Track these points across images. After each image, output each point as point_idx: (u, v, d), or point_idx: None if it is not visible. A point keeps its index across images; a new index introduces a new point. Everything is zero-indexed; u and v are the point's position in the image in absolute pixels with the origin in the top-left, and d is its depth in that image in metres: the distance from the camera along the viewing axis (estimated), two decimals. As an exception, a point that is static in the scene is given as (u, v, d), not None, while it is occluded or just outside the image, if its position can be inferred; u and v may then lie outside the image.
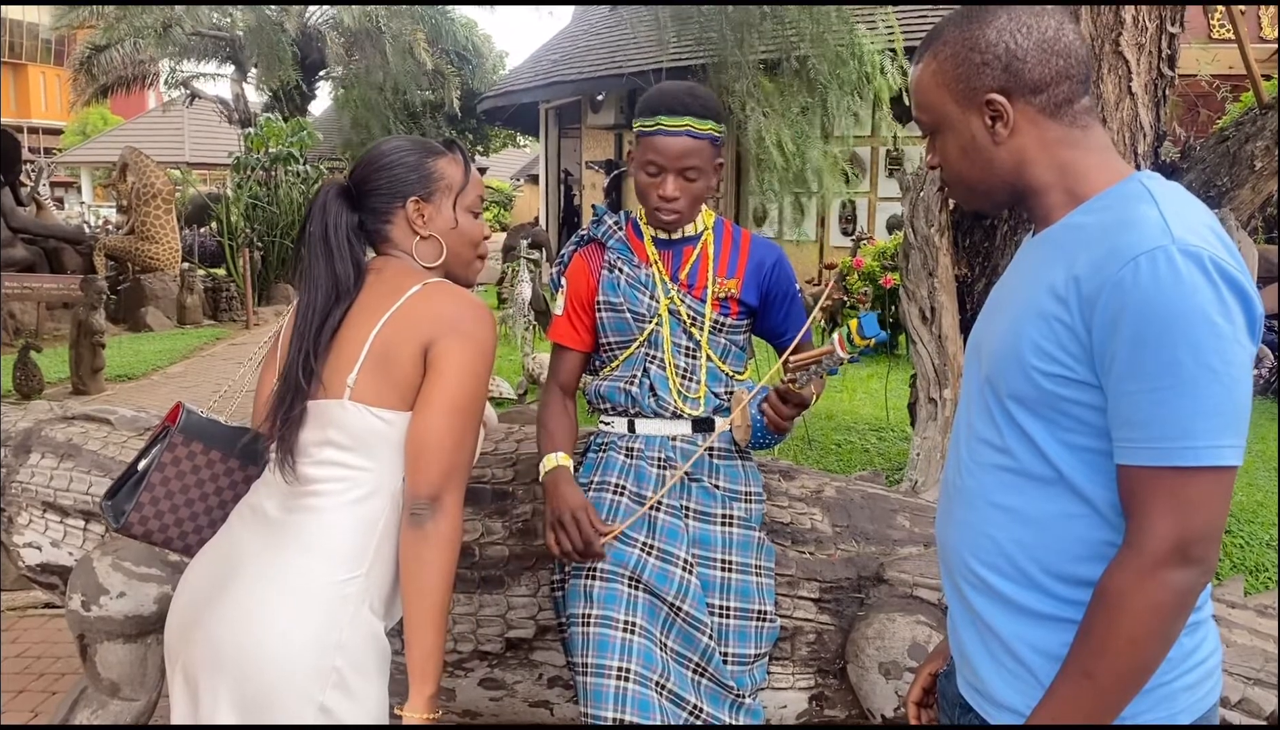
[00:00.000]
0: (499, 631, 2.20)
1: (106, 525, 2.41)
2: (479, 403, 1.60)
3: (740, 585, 2.05)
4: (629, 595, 1.96)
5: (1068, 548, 1.22)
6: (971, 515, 1.31)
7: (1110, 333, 1.12)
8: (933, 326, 3.61)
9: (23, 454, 2.51)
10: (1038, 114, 1.25)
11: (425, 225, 1.70)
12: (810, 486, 2.38)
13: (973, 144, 1.29)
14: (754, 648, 2.05)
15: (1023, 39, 1.24)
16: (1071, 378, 1.17)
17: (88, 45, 19.96)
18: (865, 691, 2.12)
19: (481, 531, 2.23)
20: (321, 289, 1.63)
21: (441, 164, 1.73)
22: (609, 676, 1.87)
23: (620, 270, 2.15)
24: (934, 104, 1.31)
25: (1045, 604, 1.23)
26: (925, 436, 3.60)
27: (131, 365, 9.07)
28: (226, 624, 1.52)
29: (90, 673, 2.38)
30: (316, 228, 1.68)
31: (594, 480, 2.11)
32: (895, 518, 2.35)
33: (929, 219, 3.60)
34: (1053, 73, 1.24)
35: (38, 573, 2.50)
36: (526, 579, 2.21)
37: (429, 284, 1.63)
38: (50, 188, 22.86)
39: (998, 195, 1.33)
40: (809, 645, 2.21)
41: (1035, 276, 1.24)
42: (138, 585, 2.29)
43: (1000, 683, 1.27)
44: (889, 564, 2.22)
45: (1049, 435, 1.21)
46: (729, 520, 2.08)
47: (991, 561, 1.27)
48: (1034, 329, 1.20)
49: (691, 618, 1.98)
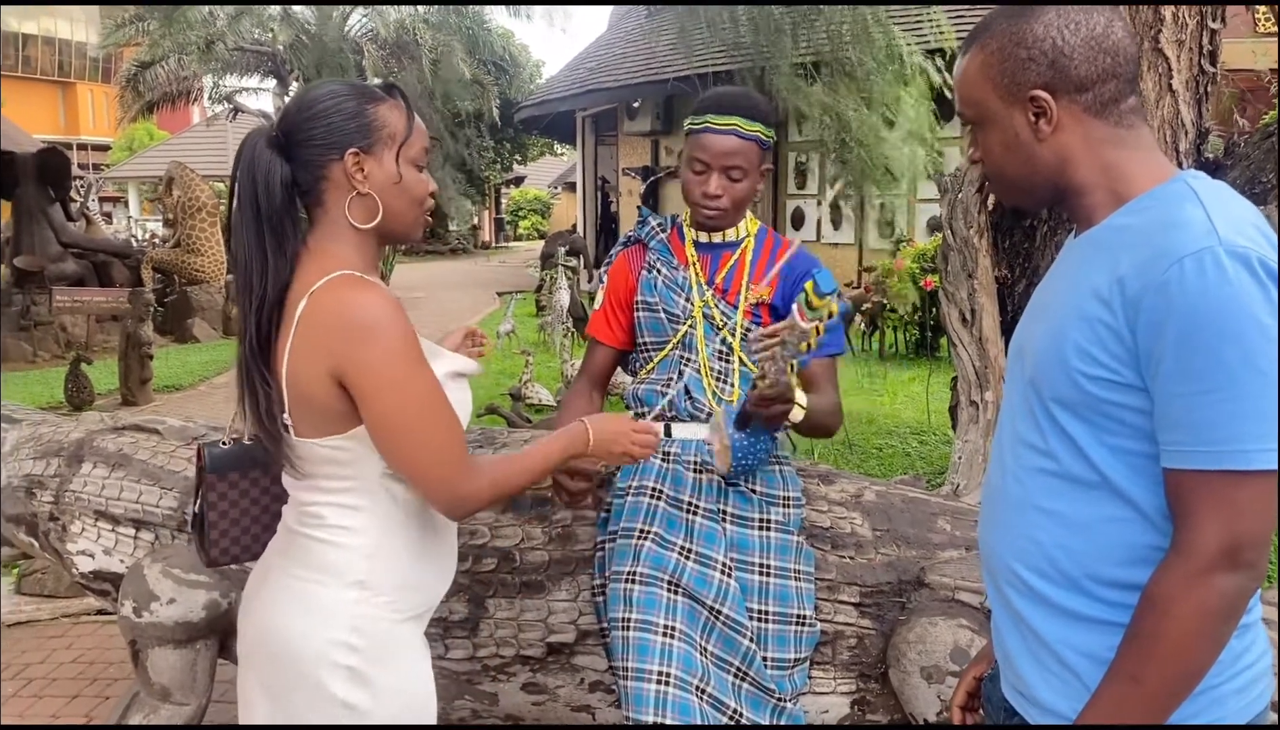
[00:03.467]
0: (540, 636, 2.22)
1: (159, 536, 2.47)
2: (422, 399, 1.47)
3: (779, 589, 2.05)
4: (668, 599, 1.97)
5: (1112, 552, 1.21)
6: (1015, 519, 1.30)
7: (1156, 335, 1.11)
8: (973, 328, 3.57)
9: (75, 464, 2.57)
10: (1083, 112, 1.24)
11: (365, 181, 1.52)
12: (850, 491, 2.37)
13: (1015, 140, 1.27)
14: (793, 652, 2.05)
15: (1070, 35, 1.22)
16: (1115, 380, 1.16)
17: (134, 62, 20.38)
18: (908, 696, 2.11)
19: (522, 537, 2.25)
20: (255, 271, 1.49)
21: (383, 111, 1.54)
22: (649, 680, 1.89)
23: (659, 271, 2.18)
24: (978, 98, 1.30)
25: (1090, 607, 1.22)
26: (967, 440, 3.57)
27: (179, 376, 9.24)
28: (253, 625, 1.59)
29: (142, 678, 2.43)
30: (244, 184, 1.50)
31: (631, 484, 2.12)
32: (936, 522, 2.33)
33: (968, 220, 3.56)
34: (1100, 71, 1.22)
35: (90, 580, 2.55)
36: (567, 584, 2.23)
37: (313, 295, 1.47)
38: (98, 203, 23.31)
39: (1040, 193, 1.31)
40: (850, 650, 2.20)
41: (1078, 278, 1.23)
42: (187, 591, 2.34)
43: (1044, 686, 1.26)
44: (930, 568, 2.21)
45: (1093, 438, 1.20)
46: (766, 524, 2.08)
47: (1035, 565, 1.27)
48: (1077, 332, 1.18)
49: (732, 621, 1.99)
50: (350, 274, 1.48)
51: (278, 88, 21.00)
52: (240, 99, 22.34)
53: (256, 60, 20.67)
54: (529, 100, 20.82)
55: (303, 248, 1.53)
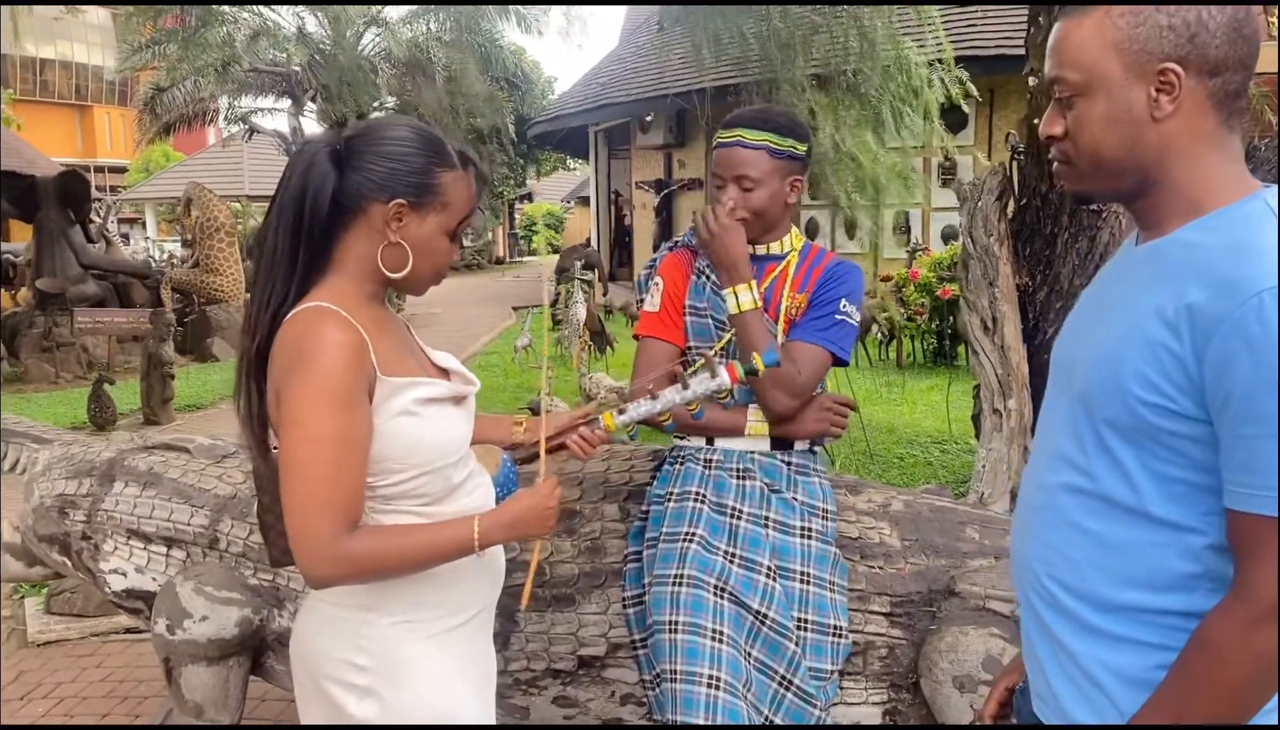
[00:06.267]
0: (571, 649, 2.23)
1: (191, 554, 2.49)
2: (313, 448, 1.42)
3: (817, 599, 2.07)
4: (715, 603, 1.97)
5: (1148, 576, 1.18)
6: (1049, 534, 1.27)
7: (1225, 371, 1.05)
8: (995, 337, 3.57)
9: (107, 483, 2.60)
10: (1206, 99, 1.15)
11: (397, 231, 1.52)
12: (878, 501, 2.37)
13: (1127, 115, 1.17)
14: (830, 663, 2.06)
15: (1216, 12, 1.12)
16: (1174, 410, 1.11)
17: (151, 86, 20.61)
18: (940, 705, 2.10)
19: (551, 550, 2.26)
20: (280, 275, 1.50)
21: (448, 179, 1.55)
22: (700, 684, 1.89)
23: (708, 277, 2.22)
24: (1092, 63, 1.18)
25: (1123, 628, 1.20)
26: (990, 448, 3.56)
27: (199, 395, 9.30)
28: (291, 638, 1.68)
29: (176, 695, 2.45)
30: (294, 187, 1.50)
31: (673, 491, 2.14)
32: (964, 530, 2.33)
33: (988, 228, 3.57)
34: (1236, 57, 1.13)
35: (123, 598, 2.57)
36: (597, 597, 2.23)
37: (290, 316, 1.49)
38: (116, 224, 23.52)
39: (1124, 181, 1.21)
40: (881, 660, 2.20)
41: (1141, 296, 1.16)
42: (220, 609, 2.35)
43: (1073, 701, 1.25)
44: (960, 577, 2.21)
45: (1139, 464, 1.16)
46: (808, 533, 2.10)
47: (1067, 582, 1.24)
48: (1139, 356, 1.13)
49: (778, 626, 2.00)
50: (320, 306, 1.48)
51: (293, 107, 21.19)
52: (256, 119, 22.56)
53: (271, 81, 20.87)
54: (542, 116, 20.95)
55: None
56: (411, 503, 1.56)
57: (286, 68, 20.15)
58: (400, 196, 1.51)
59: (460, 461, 1.62)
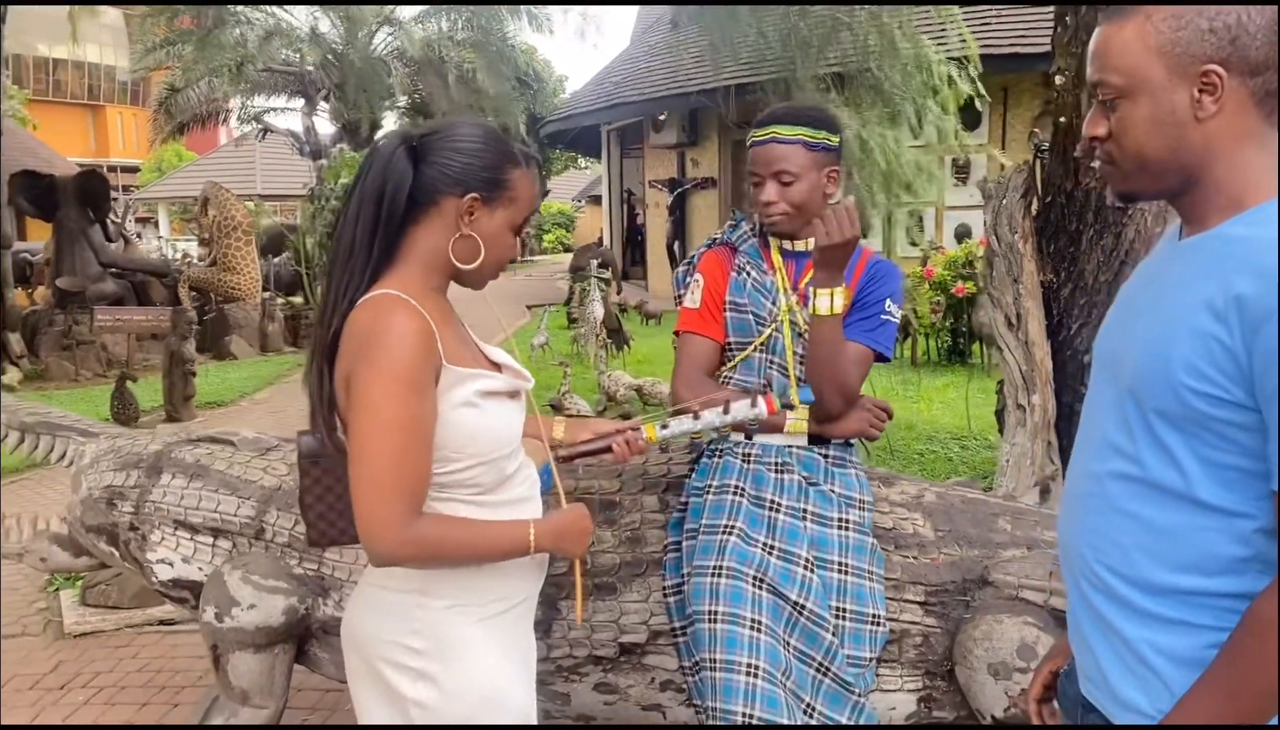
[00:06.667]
0: (612, 636, 2.28)
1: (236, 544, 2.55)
2: (386, 430, 1.48)
3: (855, 588, 2.11)
4: (754, 594, 2.02)
5: (1197, 560, 1.21)
6: (1098, 521, 1.31)
7: (1274, 361, 1.09)
8: (1019, 332, 3.61)
9: (154, 475, 2.66)
10: (1247, 98, 1.19)
11: (470, 224, 1.60)
12: (911, 492, 2.42)
13: (1171, 116, 1.22)
14: (868, 650, 2.10)
15: (1256, 14, 1.17)
16: (1225, 399, 1.15)
17: (165, 86, 20.74)
18: (974, 692, 2.15)
19: (593, 540, 2.31)
20: (358, 266, 1.56)
21: (517, 175, 1.64)
22: (739, 672, 1.94)
23: (748, 274, 2.25)
24: (1135, 66, 1.22)
25: (1172, 610, 1.24)
26: (1014, 443, 3.60)
27: (219, 392, 9.38)
28: (343, 620, 1.73)
29: (222, 681, 2.50)
30: (374, 182, 1.57)
31: (712, 483, 2.18)
32: (997, 521, 2.37)
33: (1012, 226, 3.61)
34: (1276, 57, 1.18)
35: (169, 588, 2.63)
36: (638, 586, 2.28)
37: (360, 304, 1.55)
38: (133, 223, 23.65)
39: (1168, 179, 1.25)
40: (916, 648, 2.24)
41: (1187, 288, 1.20)
42: (266, 597, 2.41)
43: (1126, 683, 1.28)
44: (993, 566, 2.25)
45: (1189, 450, 1.20)
46: (845, 524, 2.14)
47: (1117, 568, 1.28)
48: (1188, 347, 1.16)
49: (815, 616, 2.04)
50: (390, 294, 1.54)
51: (305, 107, 21.30)
52: (268, 119, 22.68)
53: (284, 80, 20.98)
54: (554, 115, 21.00)
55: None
56: (466, 492, 1.61)
57: (300, 67, 20.26)
58: (474, 191, 1.59)
59: (513, 453, 1.68)
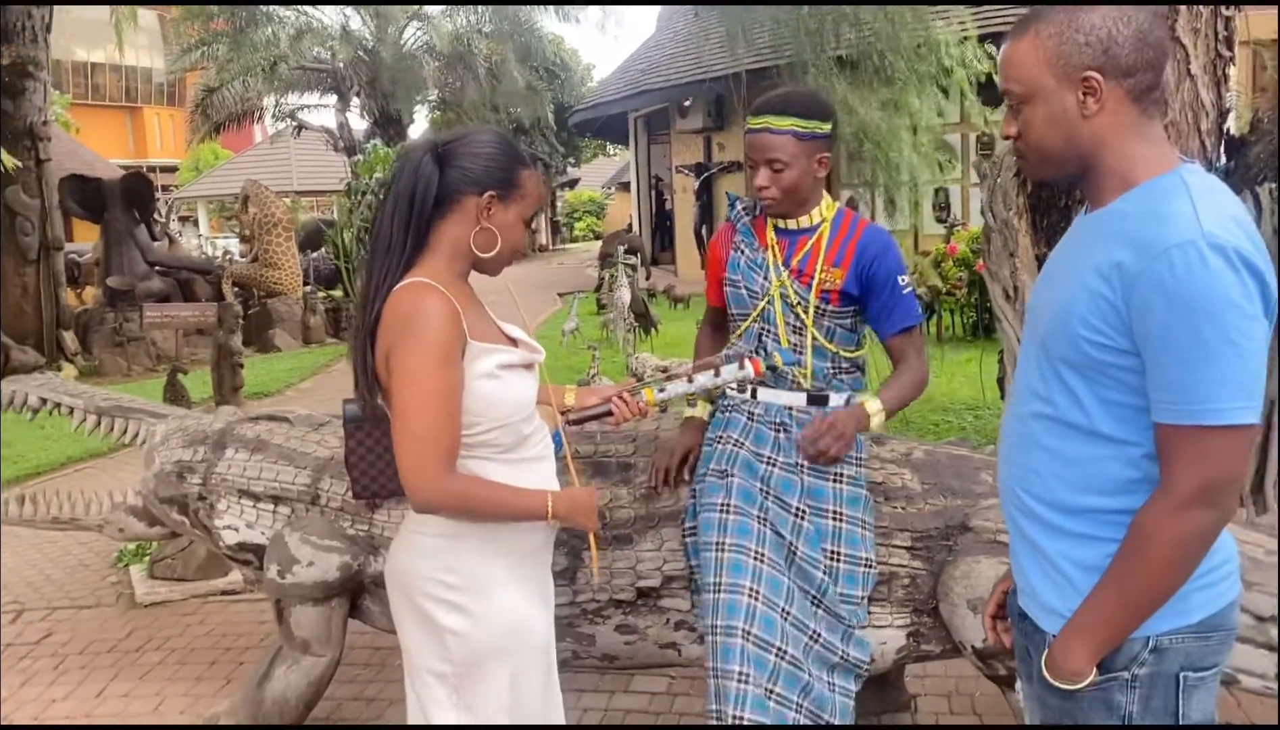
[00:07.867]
0: (630, 582, 2.54)
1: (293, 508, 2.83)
2: (426, 395, 1.75)
3: (849, 535, 2.37)
4: (758, 530, 2.30)
5: (1098, 483, 1.47)
6: (1023, 456, 1.57)
7: (1146, 312, 1.32)
8: (1016, 304, 3.81)
9: (219, 450, 2.96)
10: (1124, 96, 1.41)
11: (488, 218, 1.86)
12: (900, 450, 2.66)
13: (1062, 116, 1.43)
14: (860, 590, 2.36)
15: (1123, 27, 1.39)
16: (1112, 345, 1.38)
17: (201, 86, 21.19)
18: (956, 625, 2.39)
19: (610, 497, 2.58)
20: (394, 260, 1.81)
21: (526, 175, 1.90)
22: (742, 593, 2.22)
23: (742, 251, 2.49)
24: (1030, 76, 1.44)
25: (1080, 526, 1.49)
26: (1013, 408, 3.80)
27: (265, 383, 9.76)
28: (386, 564, 2.03)
29: (285, 633, 2.80)
30: (406, 183, 1.83)
31: (719, 435, 2.45)
32: (979, 475, 2.60)
33: (1007, 203, 3.80)
34: (1143, 61, 1.39)
35: (236, 551, 2.93)
36: (651, 536, 2.55)
37: (396, 290, 1.81)
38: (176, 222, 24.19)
39: (1069, 166, 1.48)
40: (904, 588, 2.48)
41: (1084, 254, 1.43)
42: (323, 556, 2.70)
43: (1045, 590, 1.54)
44: (973, 514, 2.48)
45: (1089, 391, 1.44)
46: (840, 478, 2.38)
47: (1038, 493, 1.53)
48: (1084, 304, 1.40)
49: (807, 557, 2.31)
50: (422, 281, 1.81)
51: (338, 103, 21.69)
52: (303, 116, 23.10)
53: (317, 78, 21.37)
54: (582, 104, 21.21)
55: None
56: (489, 451, 1.89)
57: (331, 65, 20.64)
58: (491, 189, 1.86)
59: (529, 417, 1.96)
